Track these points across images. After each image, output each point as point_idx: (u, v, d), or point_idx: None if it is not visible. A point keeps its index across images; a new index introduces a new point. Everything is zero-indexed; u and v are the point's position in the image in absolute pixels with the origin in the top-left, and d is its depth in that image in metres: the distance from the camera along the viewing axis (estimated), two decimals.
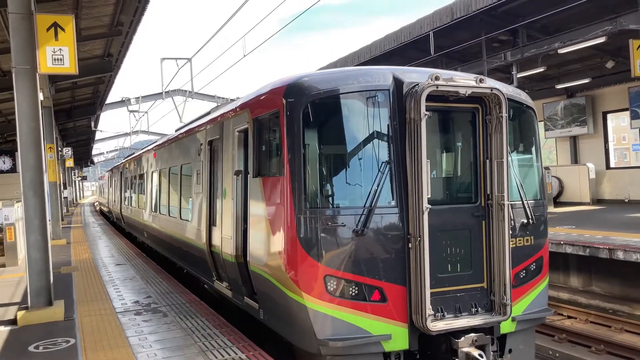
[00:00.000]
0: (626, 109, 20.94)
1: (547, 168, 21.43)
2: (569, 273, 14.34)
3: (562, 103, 23.78)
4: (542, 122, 24.60)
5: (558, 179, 22.85)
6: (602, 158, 22.75)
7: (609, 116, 23.13)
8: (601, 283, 13.44)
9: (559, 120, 23.99)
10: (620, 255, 11.61)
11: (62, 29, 7.80)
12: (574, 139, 24.04)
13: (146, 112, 41.30)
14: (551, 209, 20.78)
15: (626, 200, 21.41)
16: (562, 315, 11.82)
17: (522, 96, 6.73)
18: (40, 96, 16.54)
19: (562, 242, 13.03)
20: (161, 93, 33.83)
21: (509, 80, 18.32)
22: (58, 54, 7.84)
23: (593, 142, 23.15)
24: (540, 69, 19.06)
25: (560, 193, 22.97)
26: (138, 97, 35.41)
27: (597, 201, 22.15)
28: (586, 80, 21.31)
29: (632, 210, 18.47)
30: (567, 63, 20.74)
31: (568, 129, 23.57)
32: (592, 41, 14.91)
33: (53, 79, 17.61)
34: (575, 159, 24.03)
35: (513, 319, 6.11)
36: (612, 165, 23.00)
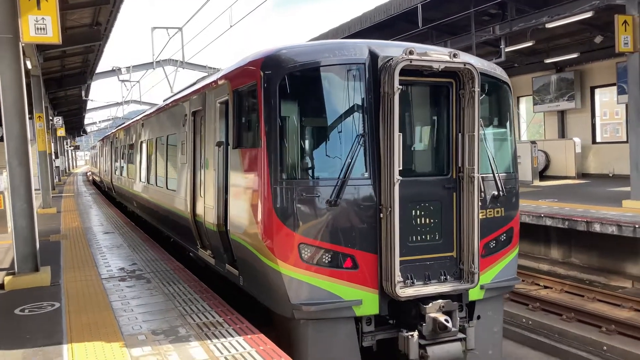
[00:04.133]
0: (614, 84, 21.08)
1: (533, 142, 21.67)
2: (549, 245, 14.69)
3: (551, 77, 23.87)
4: (531, 97, 24.74)
5: (545, 153, 23.09)
6: (588, 133, 22.98)
7: (602, 91, 23.24)
8: (580, 255, 13.80)
9: (548, 94, 24.12)
10: (597, 227, 11.92)
11: None
12: (561, 114, 24.21)
13: (138, 82, 41.09)
14: (537, 182, 21.10)
15: (610, 175, 21.73)
16: (538, 285, 12.17)
17: (497, 71, 6.86)
18: (28, 65, 16.48)
19: (542, 215, 13.32)
20: (152, 63, 33.63)
21: (497, 54, 18.39)
22: (41, 23, 7.85)
23: (580, 117, 23.34)
24: (529, 43, 19.10)
25: (546, 167, 23.24)
26: (129, 67, 35.19)
27: (583, 175, 22.47)
28: (575, 55, 21.37)
29: (615, 185, 18.79)
30: (556, 37, 20.77)
31: (556, 103, 23.73)
32: (579, 16, 14.97)
33: (41, 47, 17.49)
34: (562, 134, 24.25)
35: (482, 287, 6.36)
36: (598, 140, 23.23)
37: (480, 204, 6.12)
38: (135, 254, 10.01)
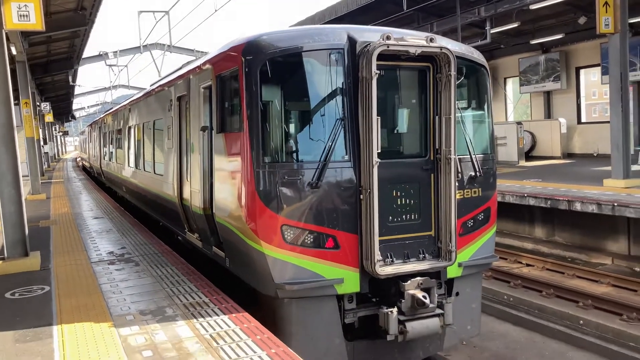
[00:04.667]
0: (598, 65, 21.28)
1: (519, 123, 21.90)
2: (533, 224, 14.97)
3: (537, 58, 24.03)
4: (518, 77, 24.90)
5: (531, 133, 23.35)
6: (574, 113, 23.23)
7: (592, 71, 23.44)
8: (563, 233, 14.09)
9: (534, 75, 24.29)
10: (578, 206, 12.19)
11: None
12: (547, 94, 24.43)
13: (125, 66, 40.82)
14: (522, 162, 21.39)
15: (595, 154, 22.03)
16: (520, 263, 12.46)
17: (475, 54, 7.00)
18: (13, 50, 16.36)
19: (525, 195, 13.57)
20: (139, 47, 33.44)
21: (483, 36, 18.50)
22: (24, 10, 7.89)
23: (566, 98, 23.56)
24: (515, 25, 19.21)
25: (532, 147, 23.52)
26: (116, 51, 34.97)
27: (568, 155, 22.77)
28: (560, 36, 21.52)
29: (598, 164, 19.09)
30: (541, 18, 20.89)
31: (542, 84, 23.92)
32: None
33: (26, 33, 17.39)
34: (548, 114, 24.48)
35: (460, 265, 6.58)
36: (583, 120, 23.50)
37: (457, 184, 6.32)
38: (124, 238, 10.16)
